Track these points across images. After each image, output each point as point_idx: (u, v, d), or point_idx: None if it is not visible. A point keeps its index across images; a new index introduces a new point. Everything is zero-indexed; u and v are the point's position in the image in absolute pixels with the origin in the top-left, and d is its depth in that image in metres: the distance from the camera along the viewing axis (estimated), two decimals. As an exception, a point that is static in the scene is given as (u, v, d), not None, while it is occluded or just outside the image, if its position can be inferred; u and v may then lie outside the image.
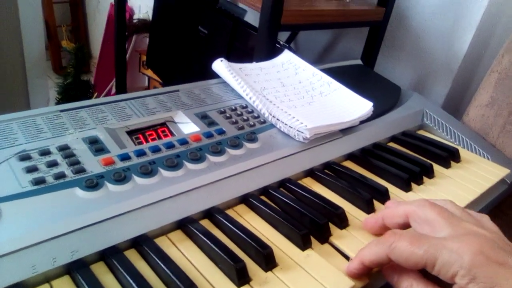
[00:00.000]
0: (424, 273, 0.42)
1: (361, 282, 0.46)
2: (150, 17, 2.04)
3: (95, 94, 2.16)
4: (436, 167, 0.71)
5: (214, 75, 0.78)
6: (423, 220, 0.45)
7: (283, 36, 1.37)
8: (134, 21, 1.86)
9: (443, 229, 0.43)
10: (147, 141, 0.59)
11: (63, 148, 0.52)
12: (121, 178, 0.50)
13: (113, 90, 2.30)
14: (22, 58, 1.95)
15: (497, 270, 0.37)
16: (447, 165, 0.73)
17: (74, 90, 1.91)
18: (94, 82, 2.33)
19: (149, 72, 1.79)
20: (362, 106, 0.73)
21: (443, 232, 0.42)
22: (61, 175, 0.48)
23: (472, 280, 0.37)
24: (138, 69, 1.89)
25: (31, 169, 0.48)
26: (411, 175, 0.66)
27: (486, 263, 0.37)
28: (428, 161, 0.71)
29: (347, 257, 0.50)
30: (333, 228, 0.54)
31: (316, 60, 1.48)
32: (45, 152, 0.51)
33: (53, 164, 0.50)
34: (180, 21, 1.32)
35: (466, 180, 0.70)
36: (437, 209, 0.45)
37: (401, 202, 0.51)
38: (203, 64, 1.18)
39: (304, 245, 0.50)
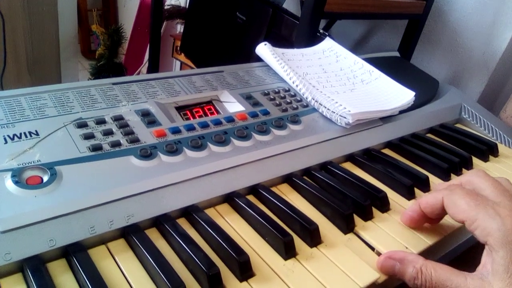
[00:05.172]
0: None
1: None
2: (182, 4, 2.07)
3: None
4: (474, 160, 0.72)
5: (250, 62, 0.79)
6: (477, 188, 0.46)
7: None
8: (167, 7, 1.88)
9: (494, 198, 0.44)
10: (194, 117, 0.60)
11: (118, 119, 0.54)
12: (173, 149, 0.52)
13: (141, 74, 2.33)
14: (57, 40, 1.99)
15: None
16: (485, 159, 0.73)
17: (107, 72, 1.94)
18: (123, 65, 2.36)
19: (182, 57, 1.80)
20: (403, 95, 0.74)
21: (495, 200, 0.43)
22: (117, 143, 0.50)
23: (504, 245, 0.39)
24: (171, 54, 1.91)
25: (88, 136, 0.50)
26: (451, 165, 0.66)
27: None
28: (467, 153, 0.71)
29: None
30: (374, 211, 0.54)
31: (349, 51, 1.48)
32: (100, 121, 0.53)
33: (108, 132, 0.52)
34: (218, 7, 1.33)
35: (504, 174, 0.70)
36: (492, 181, 0.46)
37: (455, 179, 0.52)
38: (240, 50, 1.20)
39: (347, 225, 0.51)
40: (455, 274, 0.41)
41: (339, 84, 0.74)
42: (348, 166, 0.64)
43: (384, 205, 0.55)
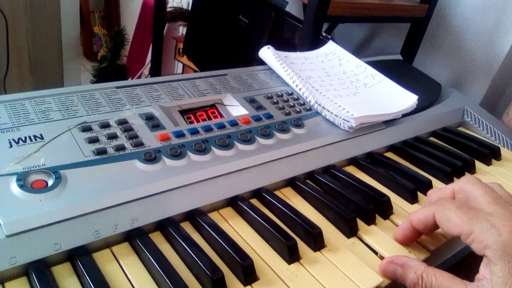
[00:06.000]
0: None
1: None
2: (184, 6, 2.07)
3: (128, 79, 2.20)
4: (477, 164, 0.72)
5: (252, 64, 0.79)
6: (470, 196, 0.46)
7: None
8: (170, 9, 1.88)
9: (487, 207, 0.43)
10: (197, 121, 0.61)
11: (122, 122, 0.54)
12: (177, 153, 0.52)
13: (144, 76, 2.33)
14: (60, 41, 2.00)
15: None
16: (488, 162, 0.73)
17: (109, 74, 1.95)
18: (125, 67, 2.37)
19: (184, 60, 1.81)
20: (406, 99, 0.74)
21: (488, 209, 0.43)
22: (121, 147, 0.50)
23: (501, 258, 0.39)
24: (174, 56, 1.91)
25: (92, 140, 0.50)
26: (454, 169, 0.66)
27: None
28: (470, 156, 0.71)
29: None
30: (377, 215, 0.54)
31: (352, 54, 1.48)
32: (105, 125, 0.53)
33: (113, 136, 0.52)
34: (221, 10, 1.33)
35: (507, 177, 0.70)
36: (485, 188, 0.46)
37: (447, 186, 0.51)
38: (242, 53, 1.20)
39: (351, 229, 0.51)
40: (455, 282, 0.41)
41: (342, 87, 0.74)
42: (351, 169, 0.64)
43: (387, 209, 0.55)
